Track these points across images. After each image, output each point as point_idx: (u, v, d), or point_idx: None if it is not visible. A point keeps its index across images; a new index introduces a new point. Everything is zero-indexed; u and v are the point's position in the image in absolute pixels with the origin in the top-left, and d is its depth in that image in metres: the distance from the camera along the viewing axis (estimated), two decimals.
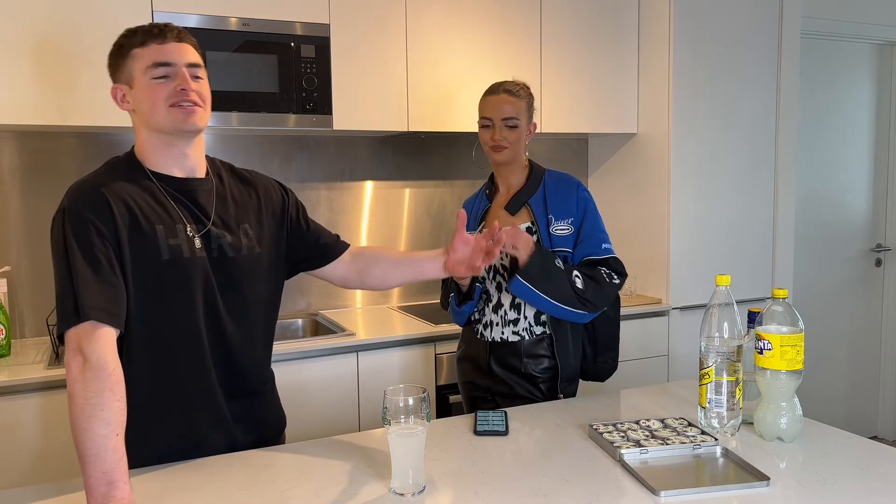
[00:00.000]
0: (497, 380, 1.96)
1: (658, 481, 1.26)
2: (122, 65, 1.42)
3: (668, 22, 2.98)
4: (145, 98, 1.39)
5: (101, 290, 1.28)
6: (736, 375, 1.49)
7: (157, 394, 1.42)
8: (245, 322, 1.50)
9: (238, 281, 1.48)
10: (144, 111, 1.40)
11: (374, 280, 1.70)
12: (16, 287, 2.52)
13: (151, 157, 1.44)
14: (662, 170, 3.03)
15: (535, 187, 1.96)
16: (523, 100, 1.95)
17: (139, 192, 1.40)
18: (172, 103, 1.38)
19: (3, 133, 2.49)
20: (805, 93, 3.61)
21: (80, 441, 1.19)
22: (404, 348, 2.54)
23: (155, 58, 1.38)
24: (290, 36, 2.49)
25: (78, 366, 1.23)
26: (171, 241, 1.39)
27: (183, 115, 1.38)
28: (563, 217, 1.92)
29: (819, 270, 3.89)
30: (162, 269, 1.38)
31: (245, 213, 1.52)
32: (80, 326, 1.25)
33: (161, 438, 1.43)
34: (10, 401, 2.04)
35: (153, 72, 1.38)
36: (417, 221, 3.17)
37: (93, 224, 1.32)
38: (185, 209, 1.44)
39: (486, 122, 1.95)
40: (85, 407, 1.20)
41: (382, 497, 1.25)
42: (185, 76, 1.39)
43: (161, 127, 1.40)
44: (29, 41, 2.18)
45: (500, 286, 1.96)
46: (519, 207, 1.95)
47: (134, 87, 1.40)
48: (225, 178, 1.54)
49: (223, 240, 1.46)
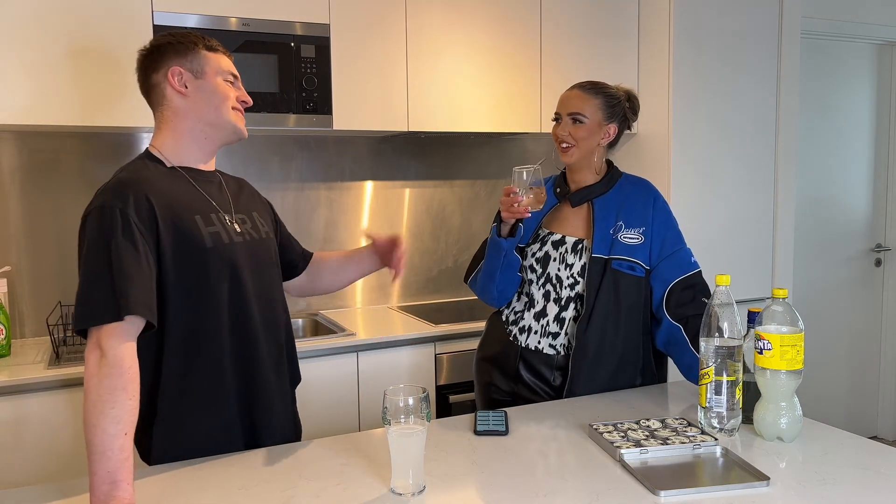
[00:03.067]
0: (523, 385, 1.88)
1: (658, 481, 1.27)
2: (192, 55, 1.49)
3: (668, 22, 2.98)
4: (217, 92, 1.49)
5: (144, 286, 1.30)
6: (736, 375, 1.49)
7: (196, 386, 1.43)
8: (276, 302, 1.57)
9: (268, 261, 1.57)
10: (210, 103, 1.48)
11: (324, 285, 1.84)
12: (16, 287, 2.52)
13: (179, 149, 1.50)
14: (662, 170, 3.03)
15: (608, 188, 1.87)
16: (597, 97, 1.84)
17: (171, 184, 1.44)
18: (235, 106, 1.52)
19: (4, 133, 2.49)
20: (805, 93, 3.61)
21: (90, 437, 1.20)
22: (404, 348, 2.54)
23: (229, 67, 1.53)
24: (290, 36, 2.49)
25: (95, 360, 1.24)
26: (211, 228, 1.44)
27: (241, 119, 1.54)
28: (634, 225, 1.83)
29: (819, 270, 3.89)
30: (206, 257, 1.41)
31: (251, 203, 1.62)
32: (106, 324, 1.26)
33: (202, 431, 1.44)
34: (10, 401, 2.04)
35: (227, 76, 1.52)
36: (417, 221, 3.17)
37: (134, 221, 1.34)
38: (213, 198, 1.50)
39: (556, 117, 1.88)
40: (97, 403, 1.21)
41: (382, 497, 1.25)
42: (244, 92, 1.56)
43: (218, 122, 1.50)
44: (30, 41, 2.17)
45: (549, 294, 1.86)
46: (582, 201, 1.88)
47: (203, 79, 1.49)
48: (222, 175, 1.62)
49: (246, 225, 1.54)
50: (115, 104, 2.27)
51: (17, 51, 2.16)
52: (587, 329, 1.79)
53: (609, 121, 1.85)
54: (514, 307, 1.93)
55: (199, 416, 1.44)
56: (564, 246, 1.86)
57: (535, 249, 1.90)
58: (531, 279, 1.89)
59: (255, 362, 1.49)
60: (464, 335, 2.61)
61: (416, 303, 3.15)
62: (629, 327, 1.82)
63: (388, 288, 3.13)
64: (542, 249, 1.88)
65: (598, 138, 1.84)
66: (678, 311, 1.79)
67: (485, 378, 1.97)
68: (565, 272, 1.84)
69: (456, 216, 3.24)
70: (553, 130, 1.88)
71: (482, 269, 1.91)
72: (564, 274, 1.85)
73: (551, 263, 1.86)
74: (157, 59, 1.48)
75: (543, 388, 1.87)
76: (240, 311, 1.46)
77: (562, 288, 1.85)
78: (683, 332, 1.78)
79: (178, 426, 1.42)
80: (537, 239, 1.91)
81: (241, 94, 1.54)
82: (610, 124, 1.85)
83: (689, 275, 1.82)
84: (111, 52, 2.26)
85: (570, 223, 1.89)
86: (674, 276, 1.81)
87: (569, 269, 1.84)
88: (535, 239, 1.91)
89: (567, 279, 1.84)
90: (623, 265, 1.80)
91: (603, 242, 1.82)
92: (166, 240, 1.37)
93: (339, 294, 3.01)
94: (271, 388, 1.52)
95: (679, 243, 1.85)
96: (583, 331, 1.80)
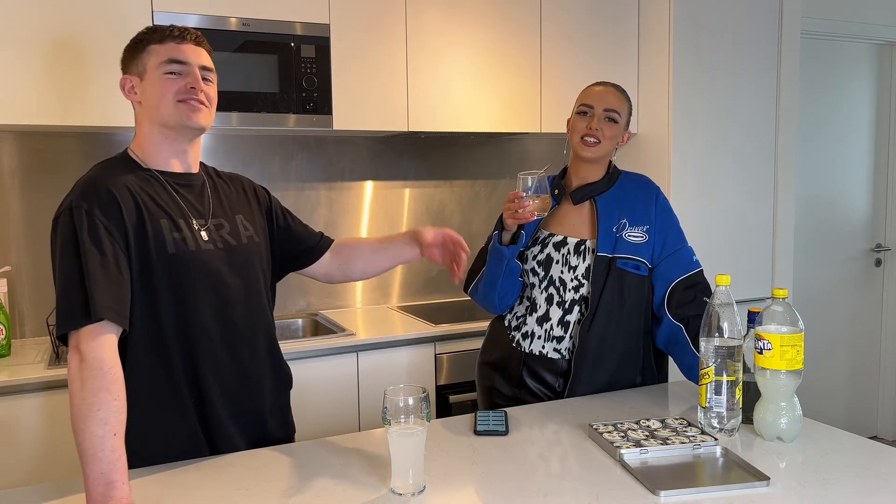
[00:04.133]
0: (526, 391, 1.86)
1: (658, 481, 1.26)
2: (137, 57, 1.44)
3: (668, 22, 2.98)
4: (155, 90, 1.41)
5: (111, 290, 1.28)
6: (736, 375, 1.49)
7: (160, 391, 1.41)
8: (250, 311, 1.50)
9: (242, 269, 1.50)
10: (152, 103, 1.42)
11: (356, 272, 1.77)
12: (16, 287, 2.52)
13: (150, 153, 1.46)
14: (662, 170, 3.03)
15: (609, 185, 1.86)
16: (626, 102, 1.85)
17: (142, 186, 1.41)
18: (180, 99, 1.41)
19: (4, 133, 2.49)
20: (805, 93, 3.61)
21: (79, 441, 1.19)
22: (404, 348, 2.54)
23: (171, 55, 1.42)
24: (290, 36, 2.49)
25: (76, 365, 1.23)
26: (175, 234, 1.40)
27: (188, 111, 1.41)
28: (638, 223, 1.81)
29: (819, 270, 3.89)
30: (168, 263, 1.38)
31: (237, 205, 1.56)
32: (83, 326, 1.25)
33: (165, 436, 1.42)
34: (10, 401, 2.04)
35: (167, 67, 1.41)
36: (417, 221, 3.17)
37: (101, 221, 1.32)
38: (185, 202, 1.46)
39: (584, 109, 1.82)
40: (82, 406, 1.20)
41: (382, 497, 1.25)
42: (196, 76, 1.43)
43: (166, 121, 1.43)
44: (30, 41, 2.18)
45: (552, 298, 1.85)
46: (584, 199, 1.86)
47: (145, 79, 1.43)
48: (212, 175, 1.58)
49: (223, 230, 1.49)
50: (115, 104, 2.27)
51: (16, 51, 2.16)
52: (590, 329, 1.78)
53: (628, 126, 1.87)
54: (515, 312, 1.91)
55: (154, 423, 1.40)
56: (566, 247, 1.84)
57: (535, 252, 1.87)
58: (533, 283, 1.87)
59: (214, 371, 1.44)
60: (464, 335, 2.61)
61: (416, 303, 3.15)
62: (631, 327, 1.82)
63: (387, 288, 3.13)
64: (544, 252, 1.86)
65: (619, 140, 1.85)
66: (679, 311, 1.79)
67: (487, 382, 1.96)
68: (569, 275, 1.83)
69: (456, 216, 3.24)
70: (581, 124, 1.81)
71: (483, 277, 1.89)
72: (568, 277, 1.83)
73: (553, 266, 1.85)
74: (122, 66, 1.48)
75: (547, 394, 1.86)
76: (200, 318, 1.41)
77: (565, 291, 1.83)
78: (685, 333, 1.77)
79: (135, 431, 1.34)
80: (537, 241, 1.88)
81: (190, 81, 1.41)
82: (627, 130, 1.87)
83: (690, 274, 1.81)
84: (111, 52, 2.25)
85: (571, 223, 1.87)
86: (675, 276, 1.81)
87: (572, 272, 1.83)
88: (534, 241, 1.88)
89: (571, 282, 1.83)
90: (629, 264, 1.79)
91: (607, 241, 1.80)
92: (132, 242, 1.35)
93: (339, 294, 3.01)
94: (236, 397, 1.47)
95: (680, 242, 1.85)
96: (585, 330, 1.79)
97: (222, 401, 1.46)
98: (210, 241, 1.45)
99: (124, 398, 1.24)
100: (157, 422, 1.41)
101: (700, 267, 1.84)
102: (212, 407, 1.44)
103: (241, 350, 1.49)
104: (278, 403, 1.59)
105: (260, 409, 1.53)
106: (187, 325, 1.41)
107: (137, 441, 1.34)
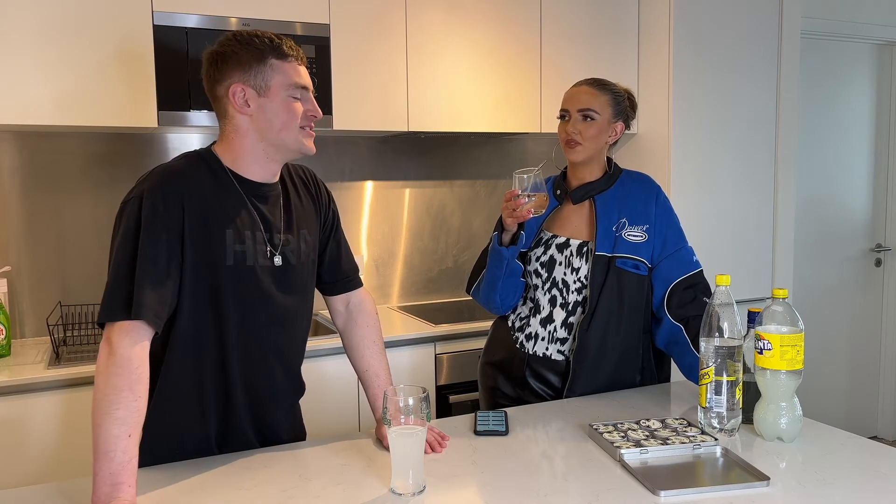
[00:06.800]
0: (529, 391, 1.86)
1: (658, 481, 1.26)
2: (255, 69, 1.37)
3: (668, 21, 2.98)
4: (280, 112, 1.38)
5: (156, 291, 1.28)
6: (736, 375, 1.49)
7: (187, 395, 1.41)
8: (294, 332, 1.51)
9: (296, 289, 1.49)
10: (273, 124, 1.39)
11: (348, 343, 1.65)
12: (16, 287, 2.52)
13: (243, 163, 1.42)
14: (662, 170, 3.03)
15: (609, 184, 1.84)
16: (606, 94, 1.81)
17: (216, 192, 1.39)
18: (303, 125, 1.41)
19: (4, 133, 2.49)
20: (805, 93, 3.61)
21: (95, 436, 1.20)
22: (404, 348, 2.54)
23: (297, 79, 1.40)
24: (290, 36, 2.47)
25: (104, 358, 1.23)
26: (238, 247, 1.39)
27: (307, 138, 1.43)
28: (638, 223, 1.80)
29: (819, 270, 3.89)
30: (224, 274, 1.38)
31: (305, 218, 1.53)
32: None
33: (182, 440, 1.43)
34: (10, 401, 2.03)
35: (294, 91, 1.39)
36: (417, 221, 3.17)
37: (164, 220, 1.31)
38: (259, 213, 1.43)
39: (562, 114, 1.83)
40: (102, 402, 1.20)
41: (382, 497, 1.25)
42: (314, 103, 1.44)
43: (285, 143, 1.41)
44: (30, 40, 2.18)
45: (555, 300, 1.84)
46: (584, 198, 1.85)
47: (266, 96, 1.38)
48: (287, 181, 1.54)
49: (287, 247, 1.46)
50: (115, 104, 2.27)
51: (16, 51, 2.16)
52: (589, 328, 1.78)
53: (616, 118, 1.83)
54: (519, 313, 1.90)
55: (174, 426, 1.41)
56: (569, 249, 1.84)
57: (538, 253, 1.87)
58: (536, 284, 1.86)
59: (245, 384, 1.45)
60: (464, 335, 2.61)
61: (416, 303, 3.15)
62: (630, 326, 1.81)
63: (388, 288, 3.13)
64: (547, 253, 1.86)
65: (606, 136, 1.82)
66: (679, 312, 1.78)
67: (489, 383, 1.95)
68: (572, 276, 1.82)
69: (456, 216, 3.24)
70: (560, 128, 1.83)
71: (484, 278, 1.88)
72: (571, 278, 1.82)
73: (557, 267, 1.84)
74: (220, 69, 1.38)
75: (550, 394, 1.85)
76: (243, 332, 1.42)
77: (569, 293, 1.82)
78: (685, 333, 1.77)
79: (154, 433, 1.37)
80: (540, 242, 1.87)
81: (311, 109, 1.42)
82: (617, 122, 1.84)
83: (690, 274, 1.80)
84: (110, 52, 2.26)
85: (573, 224, 1.87)
86: (675, 276, 1.80)
87: (575, 273, 1.82)
88: (537, 242, 1.88)
89: (574, 283, 1.82)
90: (628, 263, 1.78)
91: (606, 240, 1.79)
92: (189, 247, 1.34)
93: None
94: (262, 408, 1.48)
95: (681, 241, 1.84)
96: (584, 330, 1.79)
97: (247, 412, 1.47)
98: (271, 258, 1.43)
99: (146, 399, 1.24)
100: (177, 425, 1.42)
101: (700, 267, 1.83)
102: (236, 417, 1.46)
103: (276, 368, 1.49)
104: (293, 411, 1.61)
105: (279, 419, 1.55)
106: (229, 337, 1.41)
107: (154, 441, 1.36)
